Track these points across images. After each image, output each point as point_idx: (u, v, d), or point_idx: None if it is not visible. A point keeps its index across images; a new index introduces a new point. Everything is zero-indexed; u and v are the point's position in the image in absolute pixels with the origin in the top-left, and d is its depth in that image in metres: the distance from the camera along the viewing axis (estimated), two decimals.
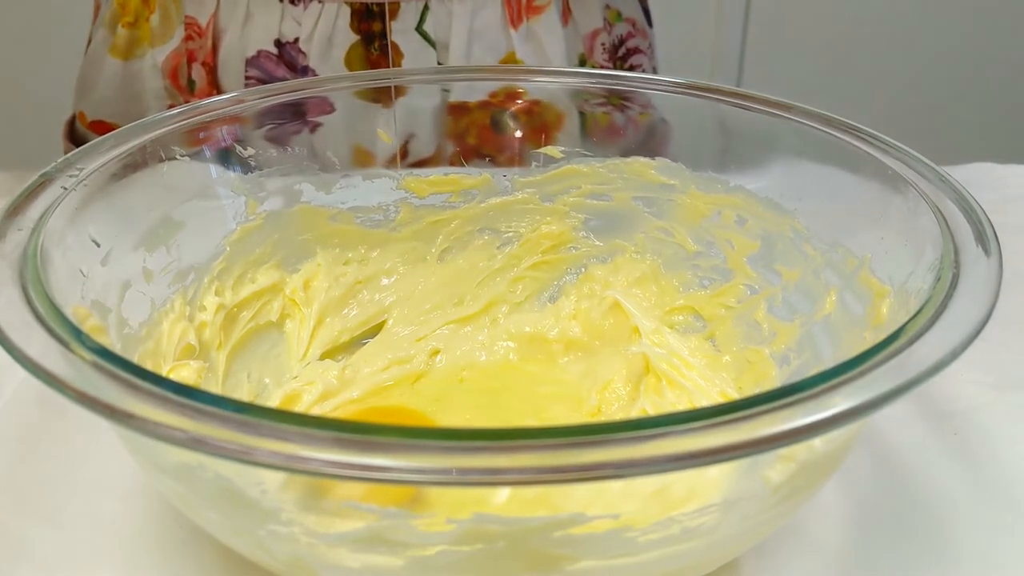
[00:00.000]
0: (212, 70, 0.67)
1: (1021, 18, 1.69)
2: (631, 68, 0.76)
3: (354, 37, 0.66)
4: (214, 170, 0.44)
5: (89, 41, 0.73)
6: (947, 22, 1.69)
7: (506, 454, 0.23)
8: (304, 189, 0.47)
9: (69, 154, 0.37)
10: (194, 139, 0.42)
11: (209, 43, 0.66)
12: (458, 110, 0.51)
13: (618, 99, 0.48)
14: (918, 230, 0.34)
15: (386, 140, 0.50)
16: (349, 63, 0.66)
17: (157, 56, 0.68)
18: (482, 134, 0.50)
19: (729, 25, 1.71)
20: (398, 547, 0.27)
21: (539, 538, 0.27)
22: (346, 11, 0.65)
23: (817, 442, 0.29)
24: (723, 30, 1.71)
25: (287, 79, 0.65)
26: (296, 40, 0.65)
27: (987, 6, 1.68)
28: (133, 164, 0.39)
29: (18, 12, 1.53)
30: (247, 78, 0.66)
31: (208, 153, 0.43)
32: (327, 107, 0.47)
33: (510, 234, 0.50)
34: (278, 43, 0.66)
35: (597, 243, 0.50)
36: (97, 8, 0.74)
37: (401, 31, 0.66)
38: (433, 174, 0.49)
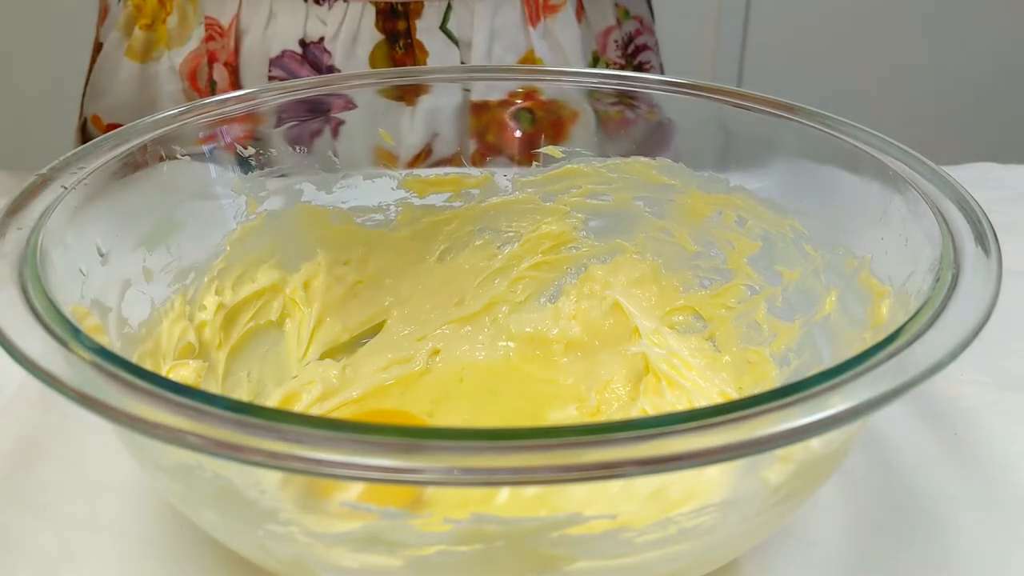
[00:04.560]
0: (234, 70, 0.67)
1: (1021, 18, 1.69)
2: (640, 64, 0.76)
3: (379, 36, 0.66)
4: (214, 170, 0.44)
5: (97, 43, 0.73)
6: (947, 22, 1.69)
7: (506, 454, 0.23)
8: (304, 189, 0.46)
9: (69, 153, 0.37)
10: (194, 138, 0.42)
11: (231, 43, 0.66)
12: (479, 109, 0.51)
13: (626, 99, 0.48)
14: (918, 230, 0.34)
15: (388, 140, 0.50)
16: (374, 62, 0.66)
17: (174, 58, 0.68)
18: (500, 131, 0.50)
19: (729, 25, 1.71)
20: (396, 547, 0.27)
21: (537, 538, 0.27)
22: (371, 10, 0.65)
23: (816, 442, 0.29)
24: (723, 30, 1.71)
25: None
26: (321, 40, 0.65)
27: (987, 6, 1.68)
28: (133, 163, 0.39)
29: (19, 11, 1.52)
30: (270, 78, 0.66)
31: (208, 153, 0.43)
32: (337, 105, 0.47)
33: (510, 234, 0.50)
34: (302, 43, 0.66)
35: (597, 243, 0.50)
36: (105, 10, 0.73)
37: (425, 30, 0.66)
38: (433, 174, 0.49)
